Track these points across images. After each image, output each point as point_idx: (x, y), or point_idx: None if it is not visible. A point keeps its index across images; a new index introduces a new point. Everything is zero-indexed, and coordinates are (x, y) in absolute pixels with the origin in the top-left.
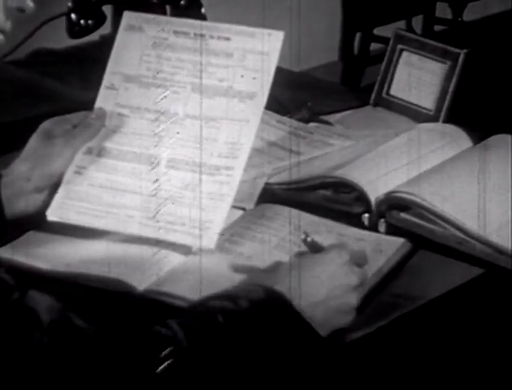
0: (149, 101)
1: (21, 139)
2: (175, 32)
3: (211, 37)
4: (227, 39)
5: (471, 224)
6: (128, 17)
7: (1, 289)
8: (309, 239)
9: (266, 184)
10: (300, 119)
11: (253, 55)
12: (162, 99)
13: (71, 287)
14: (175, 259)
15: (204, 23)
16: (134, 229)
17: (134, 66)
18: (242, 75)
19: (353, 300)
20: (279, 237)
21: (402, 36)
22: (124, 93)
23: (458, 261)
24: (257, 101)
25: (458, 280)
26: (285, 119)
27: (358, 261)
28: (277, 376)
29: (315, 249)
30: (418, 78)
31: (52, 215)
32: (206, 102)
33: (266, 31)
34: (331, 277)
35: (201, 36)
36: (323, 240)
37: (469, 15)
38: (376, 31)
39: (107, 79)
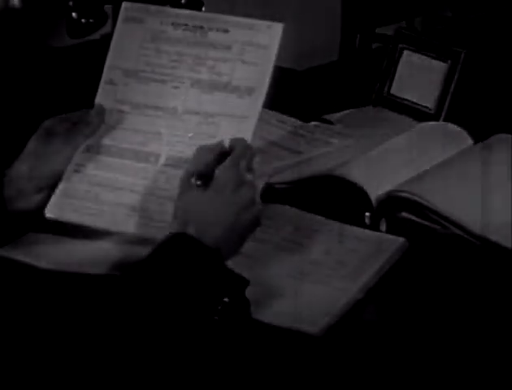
0: (149, 97)
1: (21, 139)
2: (174, 24)
3: (210, 29)
4: (226, 31)
5: (472, 223)
6: (126, 8)
7: None
8: (198, 182)
9: (267, 183)
10: (300, 118)
11: (252, 48)
12: (161, 95)
13: (70, 286)
14: None
15: (203, 14)
16: (132, 228)
17: (133, 60)
18: (241, 70)
19: (257, 211)
20: (280, 237)
21: (403, 34)
22: (124, 88)
23: (458, 260)
24: (256, 96)
25: (458, 280)
26: (286, 118)
27: (248, 164)
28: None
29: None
30: (418, 77)
31: (50, 213)
32: (204, 98)
33: (266, 23)
34: (228, 202)
35: (201, 28)
36: (323, 239)
37: (470, 14)
38: (377, 29)
39: (106, 74)
